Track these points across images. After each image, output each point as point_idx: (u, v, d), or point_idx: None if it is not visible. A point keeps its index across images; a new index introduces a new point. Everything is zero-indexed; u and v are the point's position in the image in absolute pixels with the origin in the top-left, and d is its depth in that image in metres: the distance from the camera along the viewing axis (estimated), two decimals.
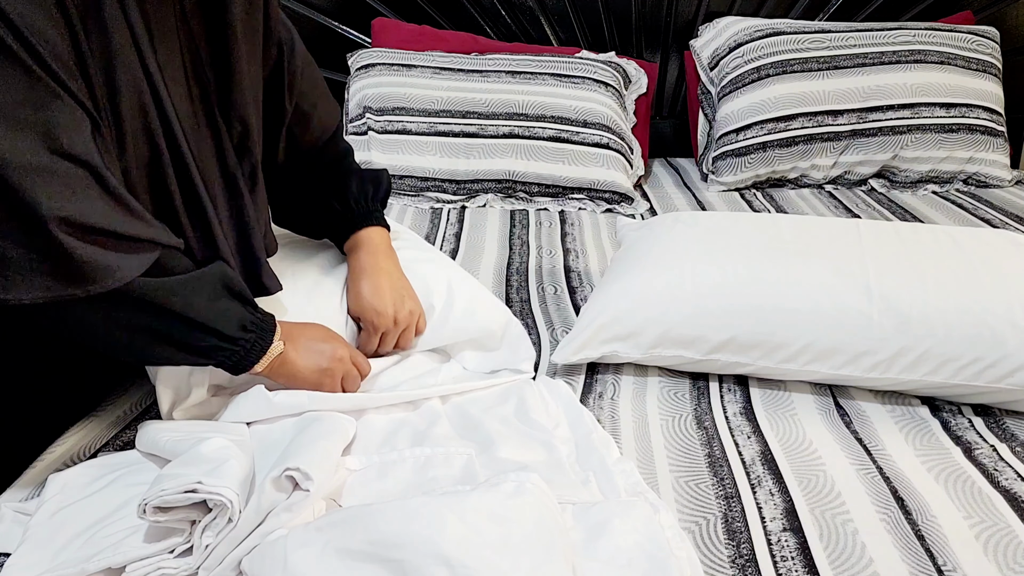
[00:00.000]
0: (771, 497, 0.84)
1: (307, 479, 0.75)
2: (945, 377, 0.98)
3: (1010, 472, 0.88)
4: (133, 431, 0.96)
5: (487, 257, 1.56)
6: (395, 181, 1.90)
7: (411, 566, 0.64)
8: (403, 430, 0.94)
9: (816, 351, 1.01)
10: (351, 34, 2.24)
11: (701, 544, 0.78)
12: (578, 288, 1.40)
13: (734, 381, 1.08)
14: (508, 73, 1.98)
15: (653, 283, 1.08)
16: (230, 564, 0.72)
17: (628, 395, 1.04)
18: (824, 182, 2.00)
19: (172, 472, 0.75)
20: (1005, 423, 0.99)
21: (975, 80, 1.96)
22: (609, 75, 2.01)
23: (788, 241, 1.11)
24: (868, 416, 1.00)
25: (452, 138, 1.90)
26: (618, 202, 1.88)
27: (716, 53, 2.08)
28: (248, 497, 0.75)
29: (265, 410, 0.92)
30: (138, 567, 0.72)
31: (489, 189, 1.90)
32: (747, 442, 0.94)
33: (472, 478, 0.84)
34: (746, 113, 1.97)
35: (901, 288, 1.01)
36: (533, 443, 0.90)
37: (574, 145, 1.88)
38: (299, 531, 0.71)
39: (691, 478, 0.88)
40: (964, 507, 0.82)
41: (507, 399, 1.00)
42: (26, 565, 0.73)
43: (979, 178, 1.97)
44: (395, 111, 1.93)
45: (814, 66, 1.95)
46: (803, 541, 0.78)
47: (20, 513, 0.83)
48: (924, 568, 0.74)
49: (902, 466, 0.89)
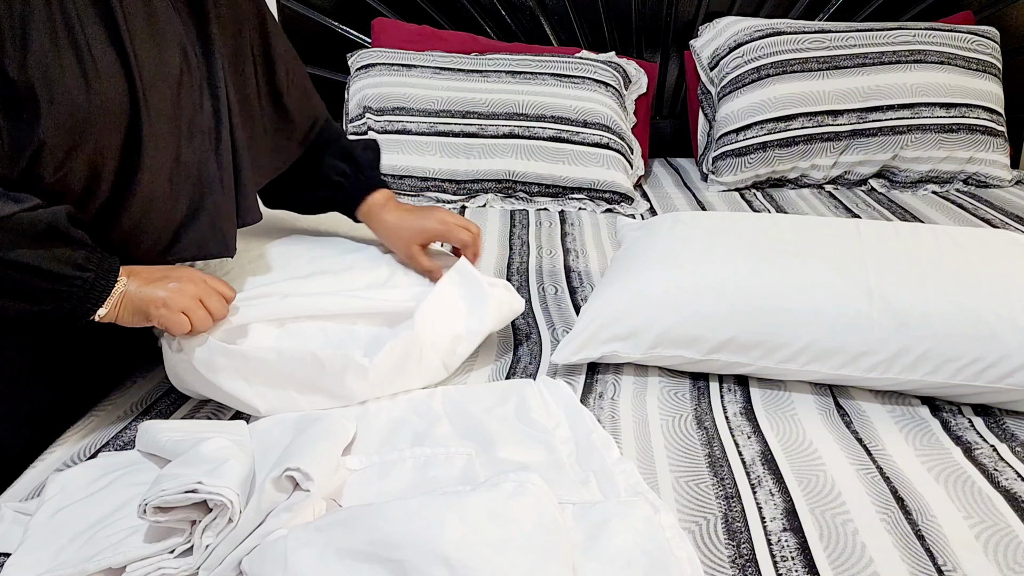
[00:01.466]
0: (771, 497, 0.84)
1: (307, 479, 0.75)
2: (945, 377, 0.98)
3: (1010, 472, 0.88)
4: (133, 431, 0.97)
5: (487, 257, 1.56)
6: (395, 181, 1.90)
7: (411, 566, 0.64)
8: (403, 430, 0.94)
9: (816, 351, 1.01)
10: (351, 34, 2.24)
11: (701, 544, 0.78)
12: (578, 288, 1.40)
13: (734, 381, 1.08)
14: (508, 73, 1.98)
15: (653, 283, 1.08)
16: (230, 564, 0.72)
17: (628, 395, 1.04)
18: (824, 182, 2.00)
19: (172, 472, 0.75)
20: (1005, 423, 0.99)
21: (975, 80, 1.96)
22: (609, 75, 2.01)
23: (788, 241, 1.11)
24: (868, 416, 1.00)
25: (452, 138, 1.90)
26: (618, 202, 1.88)
27: (716, 53, 2.08)
28: (248, 497, 0.75)
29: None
30: (138, 567, 0.72)
31: (489, 189, 1.90)
32: (747, 442, 0.94)
33: (472, 478, 0.84)
34: (746, 113, 1.97)
35: (901, 288, 1.01)
36: (533, 443, 0.90)
37: (574, 145, 1.88)
38: (299, 531, 0.71)
39: (691, 478, 0.88)
40: (964, 507, 0.82)
41: (507, 399, 1.00)
42: (26, 565, 0.73)
43: (979, 178, 1.97)
44: (395, 111, 1.93)
45: (814, 66, 1.95)
46: (803, 541, 0.78)
47: (20, 513, 0.83)
48: (924, 568, 0.74)
49: (902, 466, 0.89)
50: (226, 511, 0.72)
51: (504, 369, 1.12)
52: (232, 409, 1.03)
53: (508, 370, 1.12)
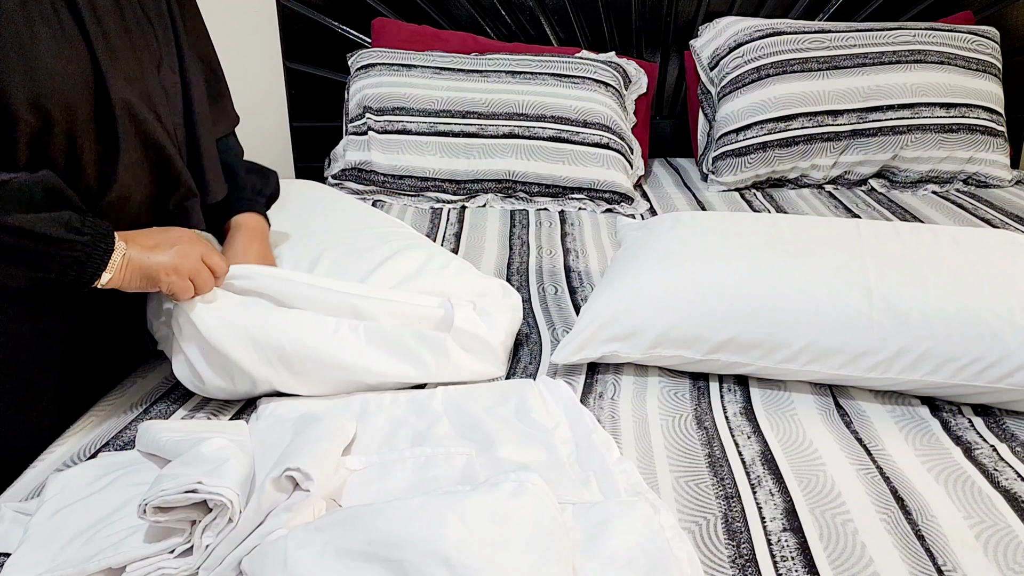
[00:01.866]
0: (771, 497, 0.84)
1: (307, 479, 0.75)
2: (945, 377, 0.98)
3: (1010, 472, 0.88)
4: (133, 431, 0.97)
5: (487, 257, 1.56)
6: (395, 181, 1.90)
7: (411, 566, 0.64)
8: (403, 430, 0.94)
9: (816, 351, 1.01)
10: (351, 34, 2.24)
11: (701, 544, 0.78)
12: (578, 288, 1.40)
13: (734, 381, 1.08)
14: (508, 73, 1.98)
15: (653, 283, 1.08)
16: (230, 564, 0.72)
17: (628, 395, 1.04)
18: (824, 182, 2.00)
19: (172, 472, 0.75)
20: (1005, 423, 0.99)
21: (975, 80, 1.96)
22: (609, 75, 2.01)
23: (788, 241, 1.11)
24: (868, 416, 1.00)
25: (452, 138, 1.90)
26: (618, 202, 1.88)
27: (716, 53, 2.08)
28: (248, 497, 0.75)
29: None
30: (138, 567, 0.72)
31: (489, 189, 1.90)
32: (747, 442, 0.94)
33: (472, 478, 0.84)
34: (746, 113, 1.97)
35: (901, 288, 1.01)
36: (533, 443, 0.90)
37: (574, 145, 1.88)
38: (299, 531, 0.71)
39: (691, 478, 0.88)
40: (964, 507, 0.82)
41: (507, 399, 1.00)
42: (26, 565, 0.74)
43: (979, 178, 1.97)
44: (395, 111, 1.93)
45: (814, 66, 1.95)
46: (803, 541, 0.78)
47: (20, 513, 0.83)
48: (924, 568, 0.74)
49: (902, 466, 0.89)
50: (226, 511, 0.72)
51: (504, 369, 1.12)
52: (232, 409, 1.03)
53: (508, 370, 1.11)
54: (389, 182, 1.92)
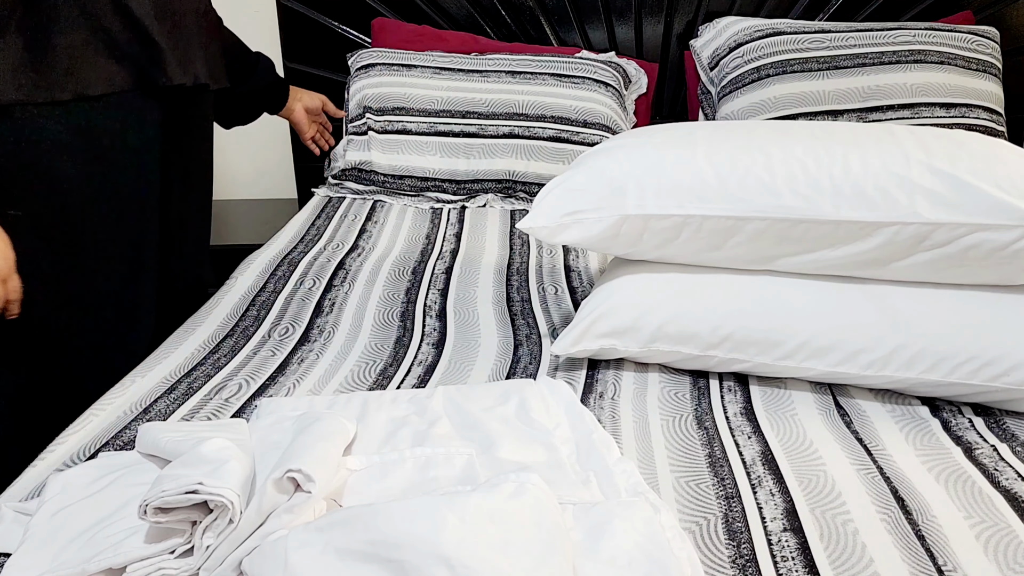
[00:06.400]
0: (771, 497, 0.84)
1: (309, 480, 0.75)
2: (941, 375, 0.98)
3: (1010, 472, 0.88)
4: (133, 431, 0.97)
5: (487, 257, 1.56)
6: (395, 181, 1.90)
7: (411, 566, 0.64)
8: (404, 430, 0.94)
9: (813, 348, 1.01)
10: (351, 34, 2.24)
11: (701, 544, 0.78)
12: (579, 288, 1.40)
13: (734, 381, 1.08)
14: (508, 73, 1.98)
15: (651, 278, 1.08)
16: (231, 565, 0.72)
17: (628, 395, 1.04)
18: None
19: (173, 473, 0.75)
20: (1005, 423, 0.99)
21: (975, 80, 1.96)
22: (609, 75, 2.01)
23: None
24: (868, 416, 1.00)
25: (452, 138, 1.90)
26: None
27: (716, 53, 2.08)
28: (249, 498, 0.75)
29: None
30: (139, 567, 0.72)
31: (489, 189, 1.90)
32: (747, 442, 0.94)
33: (473, 478, 0.84)
34: (746, 113, 1.97)
35: (897, 285, 1.01)
36: (533, 443, 0.90)
37: (574, 145, 1.88)
38: (299, 531, 0.71)
39: (691, 478, 0.88)
40: (964, 507, 0.82)
41: (507, 399, 1.00)
42: (26, 565, 0.73)
43: None
44: (395, 111, 1.93)
45: (814, 66, 1.96)
46: (803, 541, 0.78)
47: (20, 513, 0.83)
48: (924, 568, 0.74)
49: (902, 466, 0.89)
50: (227, 512, 0.72)
51: (504, 369, 1.12)
52: (232, 408, 1.03)
53: (508, 370, 1.12)
54: (389, 182, 1.92)
